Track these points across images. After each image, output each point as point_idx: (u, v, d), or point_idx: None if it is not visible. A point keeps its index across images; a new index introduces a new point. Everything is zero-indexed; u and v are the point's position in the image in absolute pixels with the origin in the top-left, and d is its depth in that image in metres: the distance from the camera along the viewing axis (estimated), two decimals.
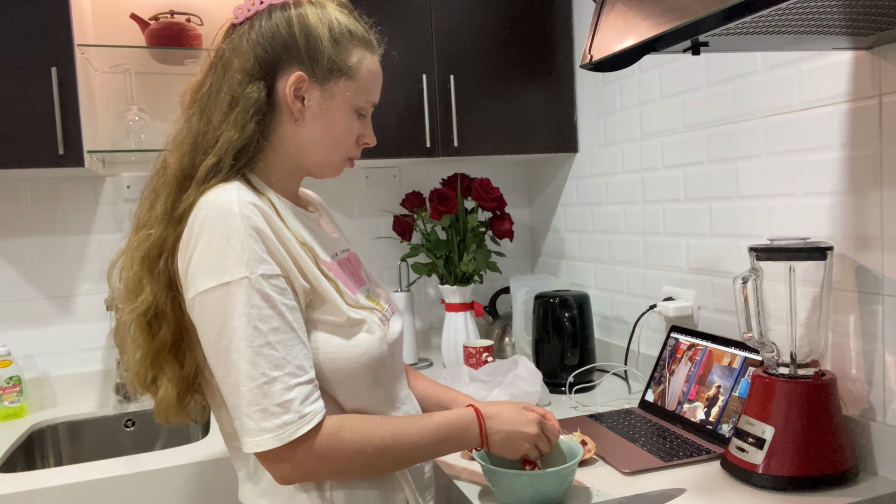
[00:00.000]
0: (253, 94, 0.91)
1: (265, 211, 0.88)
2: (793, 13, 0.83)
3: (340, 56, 0.95)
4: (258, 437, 0.83)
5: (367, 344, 0.92)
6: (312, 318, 0.91)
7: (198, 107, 0.94)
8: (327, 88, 0.95)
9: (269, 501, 0.94)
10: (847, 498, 1.05)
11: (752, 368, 1.29)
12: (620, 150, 1.82)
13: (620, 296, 1.87)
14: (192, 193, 0.89)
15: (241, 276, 0.83)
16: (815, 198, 1.22)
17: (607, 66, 1.03)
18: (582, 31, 1.98)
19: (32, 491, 1.29)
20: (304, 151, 0.98)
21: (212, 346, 0.85)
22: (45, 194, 1.86)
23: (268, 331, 0.83)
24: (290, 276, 0.88)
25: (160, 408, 0.95)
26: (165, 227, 0.90)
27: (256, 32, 0.93)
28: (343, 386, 0.92)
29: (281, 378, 0.83)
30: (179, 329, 0.92)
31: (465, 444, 0.99)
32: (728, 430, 1.27)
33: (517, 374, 1.47)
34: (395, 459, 0.92)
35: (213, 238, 0.84)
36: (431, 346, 2.29)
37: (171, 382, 0.93)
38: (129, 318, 0.91)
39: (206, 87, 0.94)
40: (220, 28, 0.98)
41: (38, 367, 1.86)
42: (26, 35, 1.52)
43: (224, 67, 0.93)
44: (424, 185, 2.25)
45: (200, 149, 0.91)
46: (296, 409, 0.83)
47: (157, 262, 0.90)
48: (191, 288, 0.85)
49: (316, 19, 0.94)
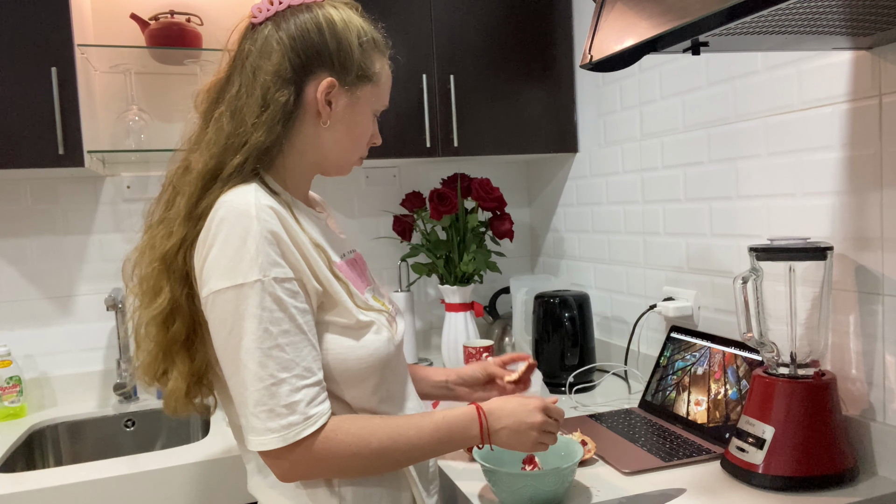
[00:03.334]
0: (283, 97, 0.92)
1: (282, 214, 0.89)
2: (793, 13, 0.83)
3: (367, 63, 0.98)
4: (263, 437, 0.84)
5: (375, 345, 0.94)
6: (323, 319, 0.92)
7: (228, 108, 0.94)
8: (354, 94, 0.98)
9: (279, 493, 0.96)
10: (847, 498, 1.05)
11: (752, 368, 1.29)
12: (620, 150, 1.82)
13: (620, 296, 1.87)
14: (214, 192, 0.91)
15: (255, 279, 0.84)
16: (815, 198, 1.22)
17: (607, 66, 1.03)
18: (582, 31, 1.98)
19: (32, 491, 1.29)
20: (322, 152, 1.00)
21: (222, 345, 0.87)
22: (45, 194, 1.86)
23: (278, 333, 0.85)
24: (304, 279, 0.89)
25: (169, 400, 0.96)
26: (187, 225, 0.91)
27: (286, 35, 0.93)
28: (351, 386, 0.94)
29: (289, 380, 0.84)
30: (193, 323, 0.93)
31: (465, 443, 0.99)
32: (728, 430, 1.27)
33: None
34: (394, 461, 0.93)
35: (230, 239, 0.85)
36: (431, 346, 2.28)
37: (181, 375, 0.94)
38: (148, 318, 0.93)
39: (234, 90, 0.94)
40: (236, 26, 0.98)
41: (38, 367, 1.86)
42: (26, 35, 1.52)
43: (253, 69, 0.93)
44: (424, 185, 2.25)
45: (230, 150, 0.92)
46: (301, 411, 0.85)
47: (175, 258, 0.91)
48: (205, 286, 0.87)
49: (343, 26, 0.96)
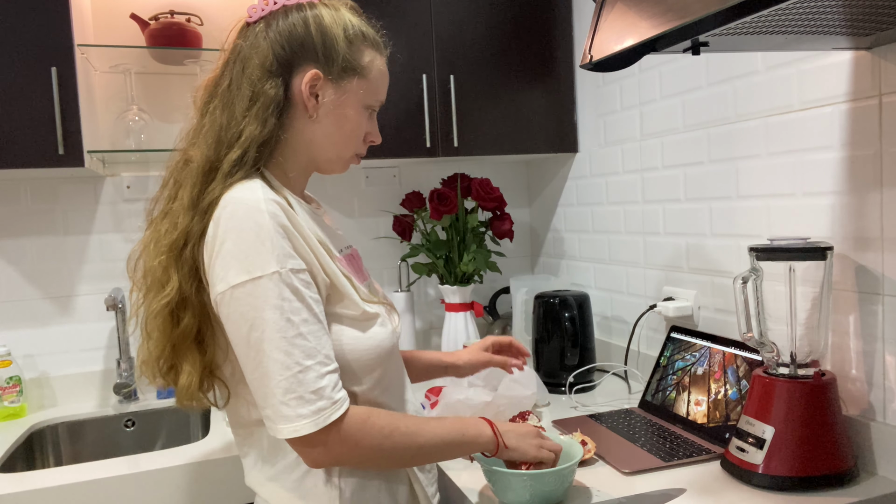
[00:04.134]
0: (271, 90, 0.95)
1: (287, 209, 0.91)
2: (793, 13, 0.83)
3: (354, 56, 0.99)
4: (296, 423, 0.86)
5: (381, 336, 0.97)
6: (332, 311, 0.94)
7: (220, 101, 0.97)
8: (341, 86, 0.99)
9: (279, 485, 0.97)
10: (847, 498, 1.05)
11: (752, 368, 1.29)
12: (620, 150, 1.82)
13: (620, 296, 1.87)
14: (217, 186, 0.92)
15: (273, 271, 0.86)
16: (815, 198, 1.22)
17: (607, 66, 1.03)
18: (582, 31, 1.98)
19: (32, 491, 1.29)
20: (315, 147, 1.01)
21: (242, 339, 0.87)
22: (45, 194, 1.86)
23: (299, 322, 0.87)
24: (314, 271, 0.91)
25: (182, 394, 0.96)
26: (192, 216, 0.92)
27: (274, 31, 0.96)
28: (360, 376, 0.96)
29: (313, 367, 0.87)
30: (204, 317, 0.94)
31: (479, 444, 1.02)
32: (728, 430, 1.27)
33: (511, 377, 1.46)
34: (417, 448, 0.95)
35: (243, 234, 0.87)
36: (431, 346, 2.28)
37: (193, 369, 0.95)
38: (156, 308, 0.93)
39: (226, 83, 0.97)
40: (233, 26, 1.02)
41: (38, 367, 1.86)
42: (26, 35, 1.52)
43: (242, 64, 0.96)
44: (424, 185, 2.25)
45: (224, 142, 0.94)
46: (328, 396, 0.87)
47: (183, 250, 0.92)
48: (220, 283, 0.87)
49: (331, 20, 0.98)
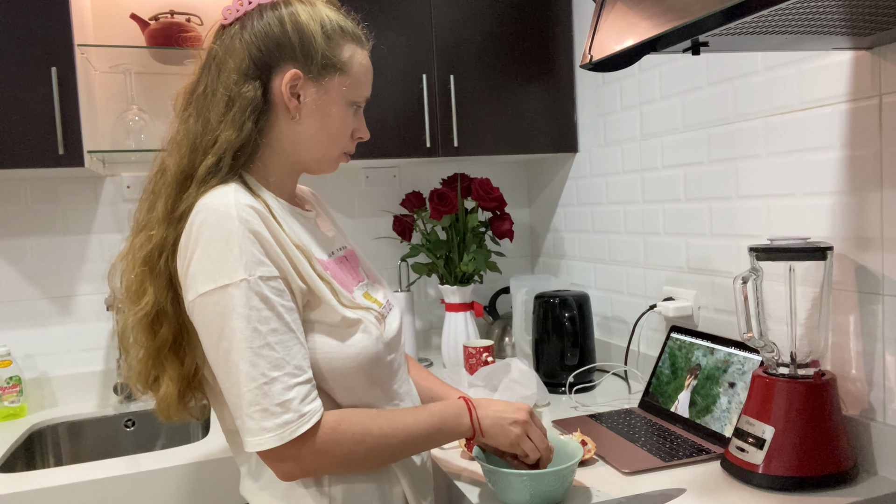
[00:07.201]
0: (249, 93, 0.92)
1: (262, 213, 0.88)
2: (793, 13, 0.83)
3: (333, 52, 0.97)
4: (259, 437, 0.84)
5: (363, 344, 0.93)
6: (309, 318, 0.92)
7: (194, 108, 0.94)
8: (322, 84, 0.97)
9: (269, 494, 0.96)
10: (847, 498, 1.05)
11: (751, 368, 1.29)
12: (620, 150, 1.82)
13: (620, 296, 1.87)
14: (192, 193, 0.90)
15: (240, 279, 0.84)
16: (815, 198, 1.22)
17: (607, 66, 1.03)
18: (582, 31, 1.98)
19: (32, 491, 1.29)
20: (300, 148, 0.99)
21: (212, 348, 0.86)
22: (45, 194, 1.86)
23: (267, 332, 0.84)
24: (288, 278, 0.89)
25: (162, 406, 0.96)
26: (166, 227, 0.91)
27: (249, 32, 0.94)
28: (339, 384, 0.93)
29: (280, 378, 0.84)
30: (180, 327, 0.93)
31: (458, 432, 1.01)
32: (728, 430, 1.27)
33: (511, 377, 1.46)
34: (394, 448, 0.94)
35: (212, 241, 0.85)
36: (431, 346, 2.28)
37: (171, 380, 0.94)
38: (133, 321, 0.92)
39: (201, 89, 0.95)
40: (210, 30, 1.00)
41: (38, 367, 1.86)
42: (26, 35, 1.52)
43: (218, 68, 0.94)
44: (424, 185, 2.25)
45: (199, 149, 0.92)
46: (295, 409, 0.85)
47: (157, 262, 0.91)
48: (190, 291, 0.86)
49: (307, 17, 0.95)
